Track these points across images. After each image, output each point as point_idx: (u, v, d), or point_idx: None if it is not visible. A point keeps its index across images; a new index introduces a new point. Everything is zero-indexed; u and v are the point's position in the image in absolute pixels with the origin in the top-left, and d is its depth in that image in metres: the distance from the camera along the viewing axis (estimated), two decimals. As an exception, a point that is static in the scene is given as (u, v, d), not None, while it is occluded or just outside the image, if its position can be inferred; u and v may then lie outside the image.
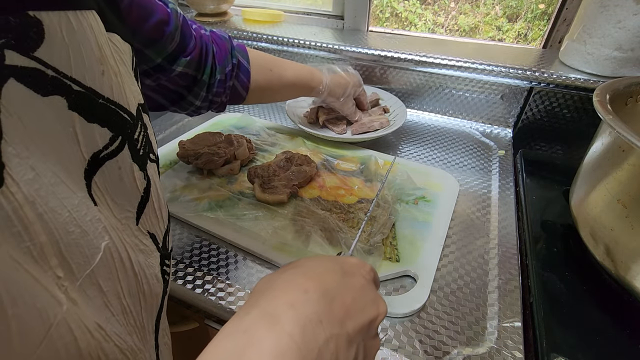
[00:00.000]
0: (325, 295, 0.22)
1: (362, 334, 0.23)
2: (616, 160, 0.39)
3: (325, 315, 0.21)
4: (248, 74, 0.52)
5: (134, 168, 0.24)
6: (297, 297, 0.22)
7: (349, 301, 0.23)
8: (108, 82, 0.22)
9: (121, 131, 0.23)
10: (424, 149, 0.67)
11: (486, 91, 0.72)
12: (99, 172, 0.21)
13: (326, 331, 0.21)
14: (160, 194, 0.29)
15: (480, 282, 0.42)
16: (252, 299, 0.23)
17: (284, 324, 0.20)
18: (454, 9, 0.85)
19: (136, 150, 0.24)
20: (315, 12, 0.93)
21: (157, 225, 0.28)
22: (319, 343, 0.20)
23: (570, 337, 0.36)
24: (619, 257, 0.38)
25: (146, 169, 0.26)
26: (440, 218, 0.50)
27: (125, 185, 0.24)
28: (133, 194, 0.25)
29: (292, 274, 0.24)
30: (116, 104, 0.23)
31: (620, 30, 0.56)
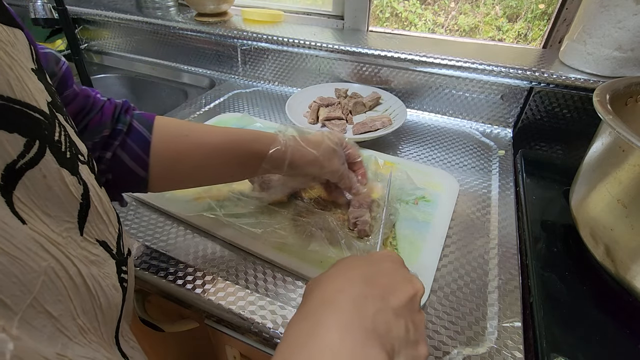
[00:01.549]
0: (365, 279, 0.26)
1: (406, 309, 0.26)
2: (616, 160, 0.39)
3: (369, 293, 0.25)
4: (146, 144, 0.37)
5: (63, 174, 0.21)
6: (343, 284, 0.25)
7: (385, 281, 0.26)
8: (3, 78, 0.18)
9: (36, 134, 0.20)
10: (424, 149, 0.67)
11: (486, 91, 0.72)
12: (20, 185, 0.18)
13: (373, 305, 0.24)
14: (103, 196, 0.26)
15: (480, 282, 0.42)
16: (306, 296, 0.27)
17: (339, 304, 0.23)
18: (454, 9, 0.85)
19: (61, 153, 0.21)
20: (315, 12, 0.93)
21: (107, 231, 0.26)
22: (370, 313, 0.23)
23: (570, 337, 0.36)
24: (619, 257, 0.38)
25: (79, 173, 0.23)
26: (440, 218, 0.50)
27: (57, 195, 0.21)
28: (69, 202, 0.22)
29: (334, 269, 0.28)
30: (21, 102, 0.19)
31: (620, 30, 0.56)
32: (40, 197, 0.20)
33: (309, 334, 0.22)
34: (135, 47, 1.05)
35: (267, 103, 0.83)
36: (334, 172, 0.44)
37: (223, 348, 0.48)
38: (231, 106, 0.81)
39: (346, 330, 0.22)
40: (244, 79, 0.94)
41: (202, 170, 0.40)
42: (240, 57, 0.92)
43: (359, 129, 0.66)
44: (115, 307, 0.25)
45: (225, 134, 0.40)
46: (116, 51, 1.09)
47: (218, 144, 0.39)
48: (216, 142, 0.39)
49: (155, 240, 0.46)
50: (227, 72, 0.96)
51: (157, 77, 1.01)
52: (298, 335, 0.23)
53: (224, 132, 0.40)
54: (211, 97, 0.84)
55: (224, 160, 0.40)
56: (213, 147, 0.39)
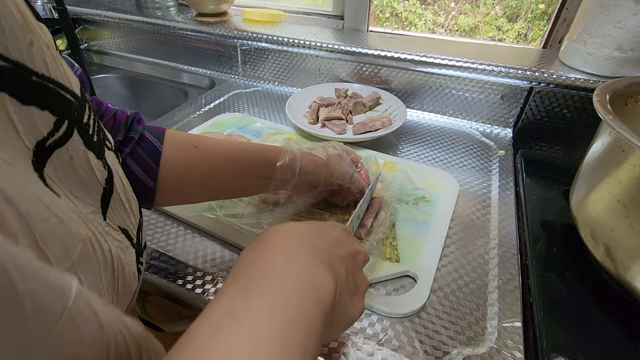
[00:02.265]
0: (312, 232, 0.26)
1: (349, 260, 0.27)
2: (616, 160, 0.39)
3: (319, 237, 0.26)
4: (156, 154, 0.36)
5: (89, 156, 0.21)
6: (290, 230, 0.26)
7: (332, 237, 0.27)
8: (40, 55, 0.18)
9: (66, 114, 0.20)
10: (424, 149, 0.67)
11: (486, 91, 0.72)
12: (49, 163, 0.19)
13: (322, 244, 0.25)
14: (126, 185, 0.26)
15: (480, 282, 0.42)
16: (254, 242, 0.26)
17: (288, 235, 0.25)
18: (454, 9, 0.85)
19: (89, 136, 0.22)
20: (315, 12, 0.93)
21: (128, 220, 0.26)
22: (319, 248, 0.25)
23: (570, 337, 0.36)
24: (619, 257, 0.38)
25: (104, 158, 0.23)
26: (440, 218, 0.50)
27: (82, 177, 0.21)
28: (93, 186, 0.22)
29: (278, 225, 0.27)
30: (54, 81, 0.19)
31: (620, 30, 0.56)
32: (67, 177, 0.20)
33: (257, 257, 0.23)
34: (135, 47, 1.05)
35: (267, 103, 0.83)
36: (345, 174, 0.44)
37: (223, 348, 0.48)
38: (231, 106, 0.81)
39: (292, 253, 0.23)
40: (244, 79, 0.94)
41: (213, 181, 0.39)
42: (240, 57, 0.92)
43: (359, 129, 0.66)
44: (129, 295, 0.25)
45: (235, 144, 0.40)
46: (116, 51, 1.09)
47: (228, 154, 0.39)
48: (226, 151, 0.39)
49: (155, 241, 0.46)
50: (227, 72, 0.96)
51: (157, 77, 1.01)
52: (248, 259, 0.23)
53: (234, 143, 0.40)
54: (211, 97, 0.84)
55: (235, 171, 0.39)
56: (223, 156, 0.39)
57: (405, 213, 0.50)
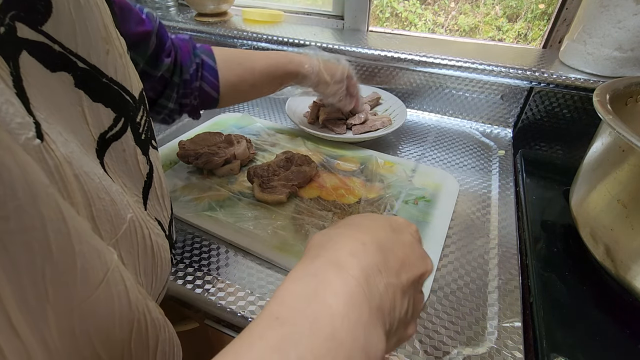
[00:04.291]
0: (381, 248, 0.23)
1: (413, 287, 0.24)
2: (616, 160, 0.39)
3: (382, 265, 0.22)
4: (215, 73, 0.50)
5: (137, 151, 0.24)
6: (357, 247, 0.22)
7: (402, 255, 0.24)
8: (112, 62, 0.22)
9: (124, 113, 0.23)
10: (424, 149, 0.67)
11: (486, 91, 0.72)
12: (107, 153, 0.22)
13: (384, 279, 0.22)
14: (163, 182, 0.29)
15: (480, 282, 0.42)
16: (313, 251, 0.23)
17: (349, 270, 0.21)
18: (454, 9, 0.85)
19: (138, 133, 0.25)
20: (315, 12, 0.93)
21: (162, 214, 0.28)
22: (380, 289, 0.21)
23: (570, 337, 0.36)
24: (619, 257, 0.38)
25: (149, 154, 0.26)
26: (440, 218, 0.50)
27: (130, 169, 0.24)
28: (137, 178, 0.25)
29: (348, 229, 0.25)
30: (119, 84, 0.23)
31: (620, 30, 0.56)
32: (119, 167, 0.23)
33: (314, 294, 0.19)
34: (135, 47, 1.05)
35: (267, 103, 0.83)
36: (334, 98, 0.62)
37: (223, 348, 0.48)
38: (231, 106, 0.81)
39: (352, 301, 0.19)
40: (244, 79, 0.94)
41: (256, 88, 0.55)
42: (240, 57, 0.92)
43: (359, 129, 0.66)
44: (164, 281, 0.27)
45: (267, 59, 0.54)
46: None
47: (264, 68, 0.53)
48: (262, 66, 0.53)
49: (155, 240, 0.46)
50: (227, 72, 0.96)
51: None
52: (302, 291, 0.20)
53: (266, 59, 0.54)
54: (211, 97, 0.84)
55: (271, 79, 0.55)
56: (261, 70, 0.53)
57: (405, 213, 0.50)
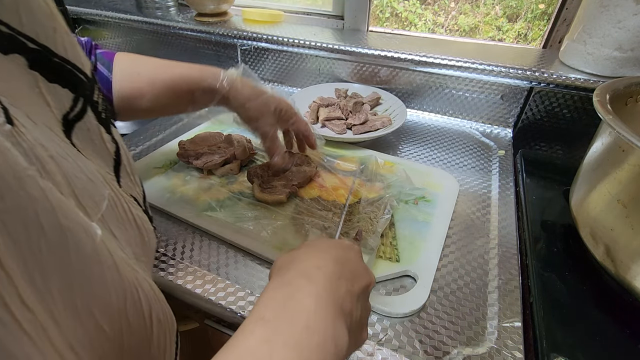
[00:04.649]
0: (337, 262, 0.27)
1: (363, 295, 0.28)
2: (616, 160, 0.39)
3: (341, 274, 0.26)
4: (108, 83, 0.43)
5: (100, 130, 0.24)
6: (319, 262, 0.27)
7: (353, 267, 0.28)
8: (61, 40, 0.21)
9: (81, 92, 0.23)
10: (424, 149, 0.67)
11: (486, 91, 0.72)
12: (73, 134, 0.22)
13: (343, 286, 0.26)
14: (130, 159, 0.29)
15: (480, 282, 0.42)
16: (283, 269, 0.27)
17: (316, 279, 0.25)
18: (454, 9, 0.85)
19: (98, 112, 0.25)
20: (315, 12, 0.93)
21: (135, 189, 0.29)
22: (341, 293, 0.25)
23: (570, 337, 0.36)
24: (619, 257, 0.38)
25: (112, 133, 0.26)
26: (440, 218, 0.50)
27: (98, 148, 0.24)
28: (106, 156, 0.25)
29: (308, 249, 0.29)
30: (71, 63, 0.22)
31: (620, 30, 0.56)
32: (87, 147, 0.23)
33: (290, 297, 0.23)
34: (135, 47, 1.05)
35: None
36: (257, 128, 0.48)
37: (223, 348, 0.48)
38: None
39: (321, 301, 0.23)
40: (244, 79, 0.94)
41: (158, 104, 0.45)
42: (240, 57, 0.92)
43: (359, 129, 0.66)
44: (153, 251, 0.28)
45: (173, 71, 0.45)
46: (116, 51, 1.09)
47: (168, 81, 0.45)
48: (166, 80, 0.45)
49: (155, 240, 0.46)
50: (227, 72, 0.96)
51: (157, 77, 1.01)
52: (280, 296, 0.24)
53: (172, 69, 0.45)
54: (211, 97, 0.84)
55: (173, 95, 0.46)
56: (164, 84, 0.45)
57: (405, 213, 0.50)
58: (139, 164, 0.59)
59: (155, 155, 0.61)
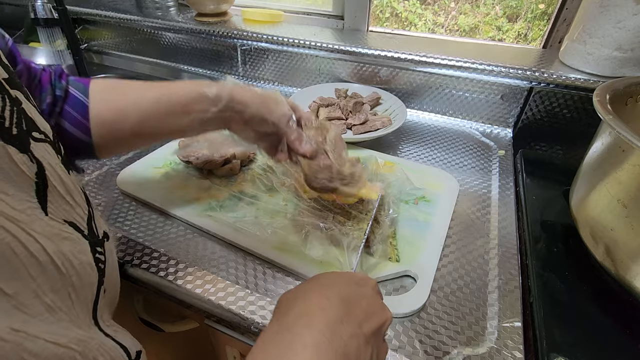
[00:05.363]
0: (344, 301, 0.26)
1: (375, 336, 0.26)
2: (616, 160, 0.39)
3: (345, 317, 0.25)
4: (84, 108, 0.36)
5: (9, 151, 0.20)
6: (322, 302, 0.25)
7: (364, 306, 0.27)
8: None
9: None
10: (424, 149, 0.67)
11: (486, 91, 0.72)
12: None
13: (349, 329, 0.24)
14: (65, 177, 0.25)
15: (480, 282, 0.42)
16: (285, 307, 0.26)
17: (316, 323, 0.24)
18: (454, 9, 0.85)
19: (5, 129, 0.20)
20: (315, 12, 0.93)
21: (74, 212, 0.25)
22: (344, 338, 0.24)
23: (570, 337, 0.36)
24: (619, 257, 0.38)
25: (30, 151, 0.22)
26: (440, 218, 0.50)
27: (7, 173, 0.20)
28: (23, 181, 0.21)
29: (314, 285, 0.28)
30: None
31: (620, 30, 0.56)
32: None
33: (287, 348, 0.23)
34: (135, 47, 1.05)
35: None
36: (281, 115, 0.41)
37: (223, 348, 0.48)
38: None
39: (320, 351, 0.22)
40: (244, 79, 0.94)
41: (145, 126, 0.39)
42: (240, 57, 0.92)
43: (359, 129, 0.66)
44: (90, 286, 0.25)
45: (164, 86, 0.40)
46: (116, 51, 1.09)
47: (156, 97, 0.38)
48: (155, 95, 0.38)
49: (155, 240, 0.46)
50: (227, 72, 0.96)
51: (157, 77, 1.01)
52: (276, 347, 0.23)
53: (162, 86, 0.40)
54: (211, 97, 0.84)
55: (165, 112, 0.39)
56: (151, 100, 0.38)
57: (405, 213, 0.50)
58: (139, 163, 0.59)
59: (155, 155, 0.61)
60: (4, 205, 0.19)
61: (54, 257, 0.21)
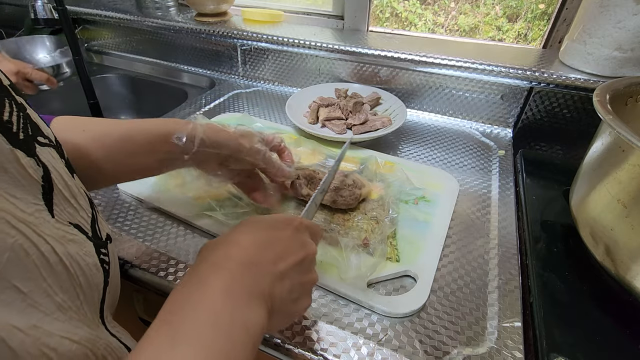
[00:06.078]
0: (258, 246, 0.27)
1: (294, 271, 0.28)
2: (616, 160, 0.39)
3: (258, 260, 0.26)
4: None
5: (17, 155, 0.21)
6: (234, 250, 0.26)
7: (279, 248, 0.28)
8: None
9: None
10: (424, 149, 0.67)
11: (486, 91, 0.72)
12: None
13: (260, 269, 0.26)
14: (69, 181, 0.26)
15: (480, 282, 0.42)
16: (202, 255, 0.27)
17: (227, 269, 0.25)
18: (454, 9, 0.85)
19: (13, 134, 0.21)
20: (315, 12, 0.93)
21: (78, 215, 0.26)
22: (257, 279, 0.25)
23: (570, 337, 0.36)
24: (619, 257, 0.38)
25: (37, 155, 0.23)
26: (440, 218, 0.50)
27: (14, 176, 0.20)
28: (30, 184, 0.21)
29: (231, 234, 0.28)
30: None
31: (620, 30, 0.56)
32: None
33: (195, 291, 0.23)
34: (135, 47, 1.05)
35: (267, 103, 0.83)
36: (254, 152, 0.42)
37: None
38: (231, 106, 0.81)
39: (229, 293, 0.23)
40: (244, 79, 0.94)
41: (108, 164, 0.37)
42: (240, 57, 0.92)
43: (359, 129, 0.66)
44: (97, 287, 0.25)
45: (130, 123, 0.39)
46: (116, 51, 1.09)
47: (122, 135, 0.38)
48: (120, 132, 0.38)
49: (155, 240, 0.46)
50: (227, 72, 0.96)
51: (157, 77, 1.01)
52: (186, 297, 0.23)
53: (129, 123, 0.39)
54: (211, 97, 0.84)
55: (130, 150, 0.38)
56: (116, 138, 0.37)
57: (405, 213, 0.50)
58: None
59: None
60: (14, 207, 0.20)
61: (62, 258, 0.22)
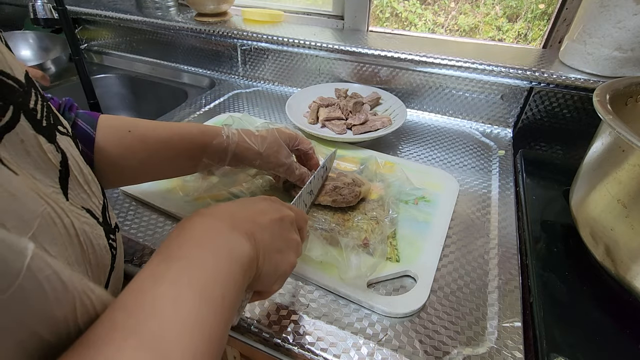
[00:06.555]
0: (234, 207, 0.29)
1: (274, 225, 0.29)
2: (616, 160, 0.39)
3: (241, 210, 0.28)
4: (89, 140, 0.37)
5: (39, 140, 0.22)
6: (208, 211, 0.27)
7: (256, 209, 0.29)
8: None
9: (10, 100, 0.21)
10: (424, 149, 0.67)
11: (486, 91, 0.72)
12: (1, 147, 0.20)
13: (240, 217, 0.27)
14: (84, 168, 0.27)
15: (480, 282, 0.42)
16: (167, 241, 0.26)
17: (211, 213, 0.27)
18: (454, 9, 0.85)
19: (37, 120, 0.23)
20: (315, 12, 0.93)
21: (90, 201, 0.27)
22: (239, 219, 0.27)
23: (570, 337, 0.36)
24: (619, 257, 0.38)
25: (57, 142, 0.24)
26: (440, 218, 0.50)
27: (36, 159, 0.22)
28: (49, 168, 0.23)
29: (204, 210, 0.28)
30: None
31: (620, 30, 0.56)
32: (21, 160, 0.21)
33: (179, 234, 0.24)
34: (135, 47, 1.05)
35: (267, 103, 0.83)
36: (279, 165, 0.47)
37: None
38: (231, 106, 0.81)
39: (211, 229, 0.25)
40: (244, 79, 0.94)
41: (149, 165, 0.41)
42: (240, 57, 0.92)
43: (359, 129, 0.66)
44: (104, 268, 0.26)
45: (170, 128, 0.42)
46: (116, 51, 1.09)
47: (163, 139, 0.41)
48: (161, 137, 0.41)
49: (155, 241, 0.46)
50: (227, 72, 0.96)
51: (157, 77, 1.01)
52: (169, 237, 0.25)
53: (169, 127, 0.42)
54: (211, 97, 0.84)
55: (170, 155, 0.42)
56: (158, 141, 0.40)
57: (405, 213, 0.50)
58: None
59: (155, 155, 0.61)
60: (37, 185, 0.21)
61: (79, 232, 0.23)
